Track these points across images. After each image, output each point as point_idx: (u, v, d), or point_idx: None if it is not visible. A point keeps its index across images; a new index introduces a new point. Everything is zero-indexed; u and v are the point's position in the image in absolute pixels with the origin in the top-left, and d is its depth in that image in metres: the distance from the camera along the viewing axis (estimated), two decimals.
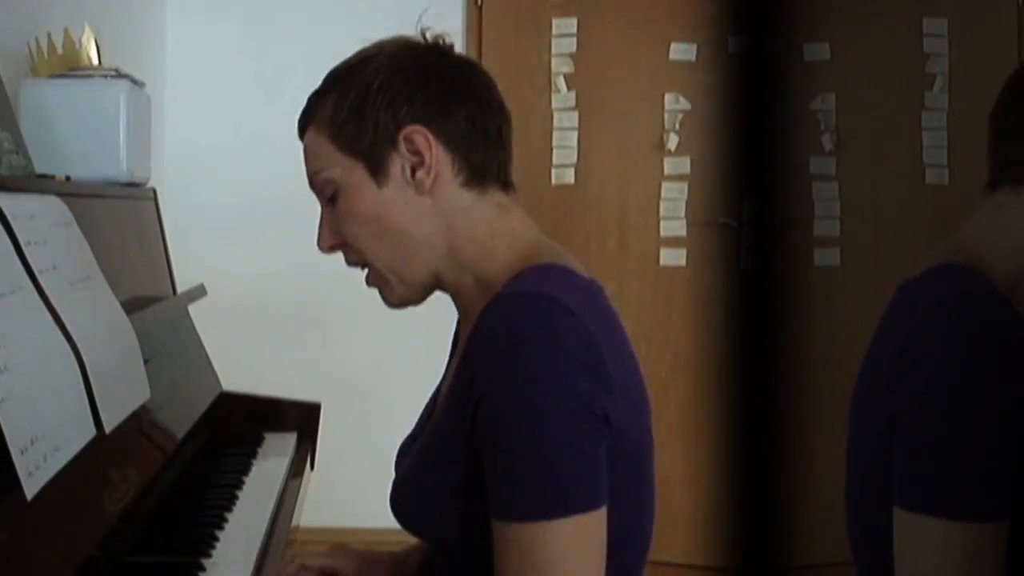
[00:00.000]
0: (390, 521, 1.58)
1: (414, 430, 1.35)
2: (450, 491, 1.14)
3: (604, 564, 1.09)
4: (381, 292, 1.27)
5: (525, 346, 1.06)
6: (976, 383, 1.05)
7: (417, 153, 1.20)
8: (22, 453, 1.15)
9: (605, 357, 1.09)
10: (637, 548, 1.20)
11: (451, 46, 1.27)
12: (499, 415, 1.07)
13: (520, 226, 1.25)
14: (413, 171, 1.20)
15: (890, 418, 1.11)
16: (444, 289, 1.27)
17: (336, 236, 1.25)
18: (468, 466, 1.11)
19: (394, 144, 1.20)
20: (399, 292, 1.25)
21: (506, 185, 1.26)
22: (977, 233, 1.20)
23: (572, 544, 1.06)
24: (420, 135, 1.19)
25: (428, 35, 1.27)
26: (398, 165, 1.20)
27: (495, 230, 1.23)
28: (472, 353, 1.11)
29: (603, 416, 1.08)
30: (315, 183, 1.25)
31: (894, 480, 1.11)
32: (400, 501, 1.23)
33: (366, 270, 1.26)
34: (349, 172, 1.21)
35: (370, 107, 1.20)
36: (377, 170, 1.20)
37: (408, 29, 1.27)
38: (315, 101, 1.25)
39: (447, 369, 1.37)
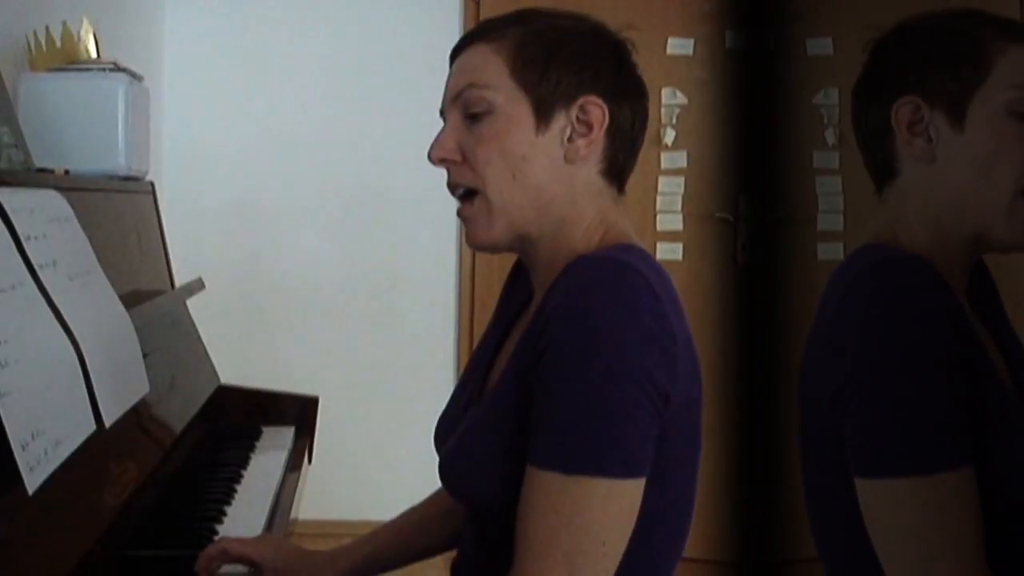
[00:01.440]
0: (387, 513, 1.60)
1: (455, 402, 1.33)
2: (511, 454, 1.13)
3: (628, 534, 1.09)
4: (475, 225, 1.23)
5: (599, 305, 1.07)
6: (907, 340, 1.07)
7: (587, 123, 1.20)
8: (23, 448, 1.16)
9: (676, 336, 1.10)
10: (680, 527, 1.22)
11: (634, 51, 1.28)
12: (561, 366, 1.07)
13: (622, 221, 1.26)
14: (571, 136, 1.20)
15: (834, 394, 1.12)
16: (531, 256, 1.26)
17: (458, 152, 1.22)
18: (530, 427, 1.11)
19: (568, 104, 1.20)
20: (496, 232, 1.22)
21: (621, 191, 1.28)
22: (880, 227, 1.25)
23: (601, 504, 1.07)
24: (599, 108, 1.20)
25: (621, 33, 1.29)
26: (561, 123, 1.20)
27: (604, 219, 1.24)
28: (544, 308, 1.11)
29: (663, 394, 1.08)
30: (467, 95, 1.21)
31: (849, 454, 1.12)
32: (455, 469, 1.21)
33: (461, 201, 1.23)
34: (514, 104, 1.19)
35: (564, 58, 1.20)
36: (542, 117, 1.19)
37: (408, 27, 1.27)
38: (498, 24, 1.23)
39: (491, 331, 1.36)
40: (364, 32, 3.86)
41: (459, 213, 1.25)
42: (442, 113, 1.26)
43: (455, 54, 1.26)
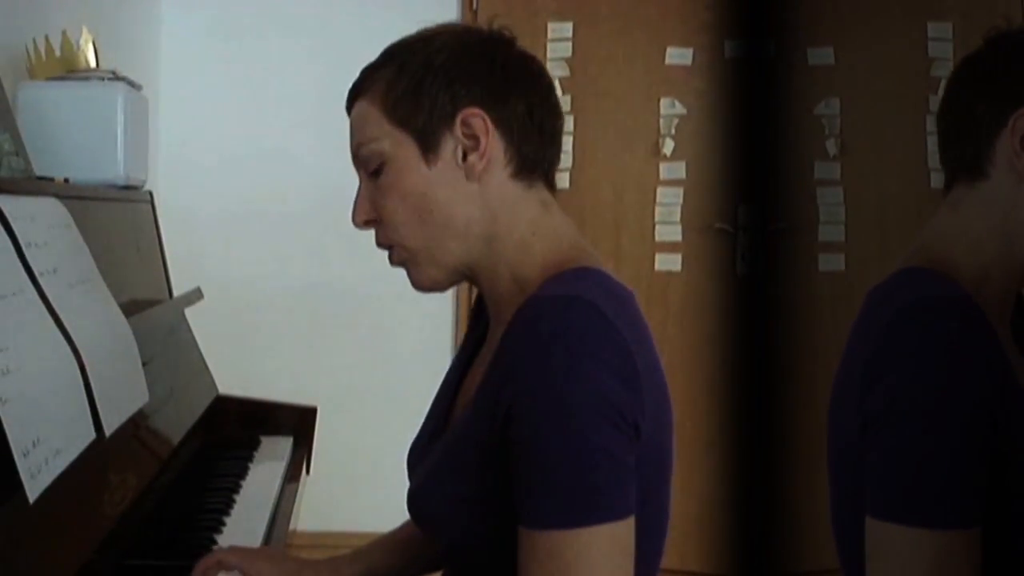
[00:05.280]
0: (385, 525, 1.59)
1: (424, 432, 1.32)
2: (475, 494, 1.12)
3: (632, 572, 1.08)
4: (409, 273, 1.23)
5: (561, 350, 1.04)
6: (941, 390, 1.05)
7: (473, 137, 1.18)
8: (24, 456, 1.15)
9: (638, 365, 1.08)
10: (652, 558, 1.19)
11: (514, 38, 1.24)
12: (533, 419, 1.05)
13: (561, 225, 1.24)
14: (465, 155, 1.18)
15: (861, 427, 1.11)
16: (476, 282, 1.25)
17: (373, 211, 1.21)
18: (495, 468, 1.09)
19: (450, 125, 1.17)
20: (429, 274, 1.22)
21: (550, 184, 1.25)
22: (939, 234, 1.21)
23: (604, 553, 1.05)
24: (479, 118, 1.17)
25: (493, 25, 1.25)
26: (450, 147, 1.18)
27: (537, 226, 1.21)
28: (505, 354, 1.09)
29: (633, 424, 1.07)
30: (360, 155, 1.21)
31: (866, 489, 1.11)
32: (421, 505, 1.21)
33: (389, 250, 1.23)
34: (399, 146, 1.18)
35: (429, 84, 1.17)
36: (428, 148, 1.18)
37: (404, 33, 1.25)
38: (369, 74, 1.22)
39: (456, 362, 1.35)
40: (361, 41, 3.83)
41: (391, 263, 1.24)
42: None
43: (348, 113, 1.25)
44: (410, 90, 1.18)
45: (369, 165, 1.21)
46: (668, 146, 3.84)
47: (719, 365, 3.79)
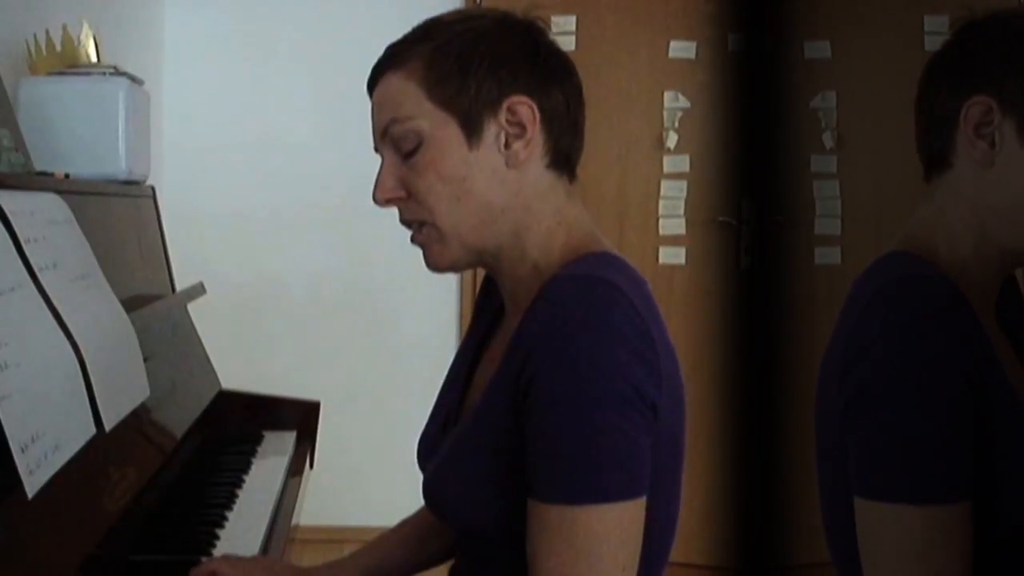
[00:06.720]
0: (388, 518, 1.59)
1: (433, 423, 1.31)
2: (494, 476, 1.12)
3: (639, 553, 1.08)
4: (430, 251, 1.21)
5: (581, 329, 1.04)
6: (923, 364, 1.05)
7: (519, 124, 1.17)
8: (23, 451, 1.15)
9: (656, 346, 1.09)
10: (664, 540, 1.19)
11: (547, 29, 1.23)
12: (551, 396, 1.05)
13: (581, 215, 1.24)
14: (507, 142, 1.17)
15: (844, 406, 1.11)
16: (494, 268, 1.24)
17: (401, 189, 1.19)
18: (514, 449, 1.09)
19: (495, 110, 1.16)
20: (452, 255, 1.20)
21: (573, 176, 1.25)
22: (919, 223, 1.21)
23: (613, 530, 1.05)
24: (526, 106, 1.16)
25: (529, 14, 1.23)
26: (493, 132, 1.17)
27: (562, 216, 1.21)
28: (525, 333, 1.09)
29: (651, 405, 1.07)
30: (394, 131, 1.18)
31: (851, 471, 1.11)
32: (438, 492, 1.20)
33: (413, 228, 1.21)
34: (441, 126, 1.16)
35: (476, 66, 1.15)
36: (472, 131, 1.16)
37: (408, 29, 1.24)
38: (403, 48, 1.19)
39: (463, 352, 1.34)
40: (364, 37, 3.83)
41: (412, 240, 1.22)
42: (377, 149, 1.23)
43: (371, 86, 1.23)
44: (455, 71, 1.16)
45: (403, 143, 1.18)
46: (672, 139, 3.83)
47: (722, 359, 3.79)
